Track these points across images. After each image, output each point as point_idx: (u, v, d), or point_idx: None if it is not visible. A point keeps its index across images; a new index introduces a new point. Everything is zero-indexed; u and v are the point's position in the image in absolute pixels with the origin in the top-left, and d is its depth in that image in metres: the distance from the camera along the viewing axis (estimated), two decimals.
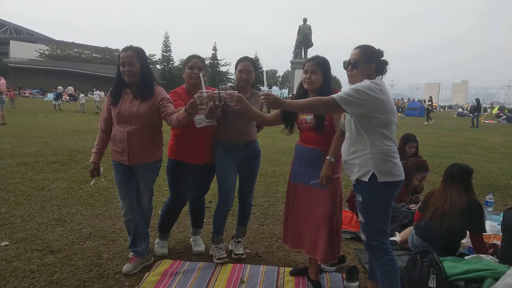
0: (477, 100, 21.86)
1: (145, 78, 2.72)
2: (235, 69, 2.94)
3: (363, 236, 2.31)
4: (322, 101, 2.16)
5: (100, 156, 2.84)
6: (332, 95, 2.10)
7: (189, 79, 2.91)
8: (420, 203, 3.34)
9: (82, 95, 22.91)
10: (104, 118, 2.81)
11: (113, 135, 2.77)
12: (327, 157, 2.48)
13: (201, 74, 2.77)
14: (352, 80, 2.26)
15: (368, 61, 2.22)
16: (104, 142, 2.83)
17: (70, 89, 35.76)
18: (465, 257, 2.89)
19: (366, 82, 2.12)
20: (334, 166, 2.48)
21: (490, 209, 4.29)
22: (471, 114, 20.21)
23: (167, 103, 2.71)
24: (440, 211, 2.99)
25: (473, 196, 3.04)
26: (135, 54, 2.67)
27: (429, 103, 25.25)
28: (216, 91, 2.53)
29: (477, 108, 21.05)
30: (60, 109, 21.54)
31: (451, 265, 2.65)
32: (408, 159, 4.14)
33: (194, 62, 2.91)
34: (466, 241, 3.23)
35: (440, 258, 2.61)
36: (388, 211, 2.25)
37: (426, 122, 21.15)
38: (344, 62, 2.27)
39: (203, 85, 2.63)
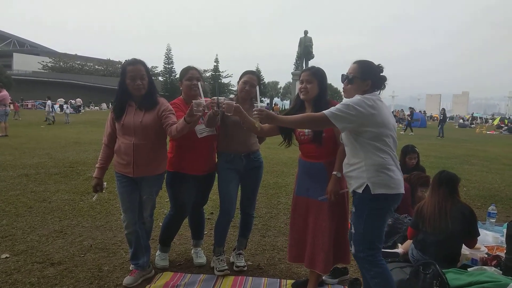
0: (443, 111, 22.43)
1: (150, 90, 2.76)
2: (240, 79, 2.97)
3: (352, 248, 2.29)
4: (313, 118, 2.20)
5: (104, 171, 2.85)
6: (323, 111, 2.13)
7: (189, 91, 2.94)
8: (411, 220, 3.32)
9: (50, 103, 19.99)
10: (107, 133, 2.82)
11: (117, 148, 2.77)
12: (334, 172, 2.48)
13: (199, 84, 2.83)
14: (346, 94, 2.29)
15: (364, 78, 2.23)
16: (108, 157, 2.84)
17: (79, 101, 37.26)
18: (468, 269, 2.87)
19: (356, 98, 2.14)
20: (340, 180, 2.48)
21: (493, 220, 4.26)
22: (439, 125, 20.60)
23: (169, 114, 2.74)
24: (432, 218, 2.98)
25: (460, 200, 3.06)
26: (144, 67, 2.72)
27: (409, 113, 25.55)
28: (215, 98, 2.56)
29: (443, 119, 21.35)
30: (53, 121, 20.22)
31: (454, 277, 2.63)
32: (412, 174, 4.16)
33: (192, 73, 2.95)
34: (469, 253, 3.21)
35: (443, 270, 2.59)
36: (381, 224, 2.22)
37: (403, 132, 21.32)
38: (342, 76, 2.31)
39: (201, 95, 2.68)
